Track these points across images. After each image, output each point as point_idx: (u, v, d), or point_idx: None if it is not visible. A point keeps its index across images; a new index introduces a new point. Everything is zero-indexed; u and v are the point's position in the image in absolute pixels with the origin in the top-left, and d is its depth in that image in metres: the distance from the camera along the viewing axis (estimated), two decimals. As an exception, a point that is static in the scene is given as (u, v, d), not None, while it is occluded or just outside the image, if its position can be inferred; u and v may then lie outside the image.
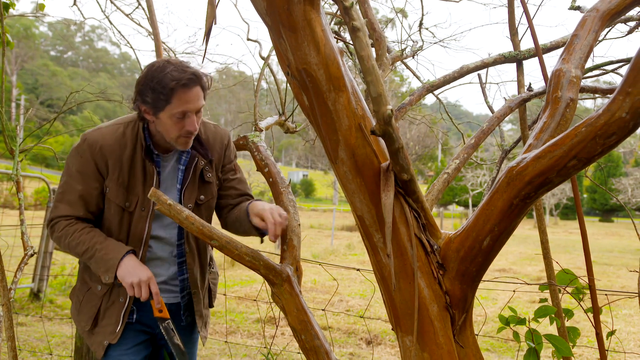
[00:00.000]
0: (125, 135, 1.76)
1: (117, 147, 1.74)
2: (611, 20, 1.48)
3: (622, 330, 6.08)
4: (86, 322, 1.81)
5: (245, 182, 2.03)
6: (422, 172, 38.56)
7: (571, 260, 12.70)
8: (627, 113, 0.97)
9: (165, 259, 1.86)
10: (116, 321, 1.78)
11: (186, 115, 1.68)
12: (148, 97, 1.66)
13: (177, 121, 1.68)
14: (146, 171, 1.77)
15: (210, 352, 4.56)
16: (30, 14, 4.61)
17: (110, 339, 1.78)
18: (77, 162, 1.74)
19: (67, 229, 1.75)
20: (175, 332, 1.77)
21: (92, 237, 1.73)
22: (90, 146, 1.72)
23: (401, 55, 2.62)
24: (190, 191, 1.84)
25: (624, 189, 30.10)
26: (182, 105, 1.65)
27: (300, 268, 1.68)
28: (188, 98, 1.65)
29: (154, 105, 1.66)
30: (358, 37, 1.02)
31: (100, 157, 1.72)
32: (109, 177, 1.74)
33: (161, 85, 1.62)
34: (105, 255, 1.69)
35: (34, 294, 6.14)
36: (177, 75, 1.62)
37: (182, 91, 1.63)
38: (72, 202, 1.75)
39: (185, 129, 1.69)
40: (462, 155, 1.97)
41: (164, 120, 1.68)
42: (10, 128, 2.54)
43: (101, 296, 1.80)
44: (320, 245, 14.10)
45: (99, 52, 70.83)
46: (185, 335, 1.96)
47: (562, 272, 1.89)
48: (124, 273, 1.68)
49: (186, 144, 1.75)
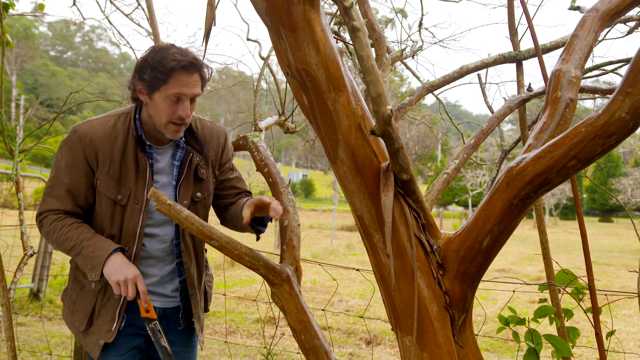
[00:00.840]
0: (116, 126, 1.73)
1: (107, 138, 1.70)
2: (611, 21, 1.48)
3: (622, 330, 6.07)
4: (81, 321, 1.77)
5: (242, 180, 2.02)
6: (421, 172, 38.58)
7: (571, 260, 12.71)
8: (627, 113, 0.97)
9: (159, 257, 1.82)
10: (112, 319, 1.74)
11: (180, 100, 1.65)
12: (146, 75, 1.63)
13: (170, 104, 1.64)
14: (138, 163, 1.73)
15: (210, 352, 4.56)
16: (30, 14, 4.60)
17: (105, 338, 1.73)
18: (66, 155, 1.71)
19: (55, 224, 1.71)
20: (162, 333, 1.73)
21: (80, 234, 1.69)
22: (80, 138, 1.69)
23: (401, 56, 2.62)
24: (185, 187, 1.80)
25: (624, 189, 30.11)
26: (178, 87, 1.62)
27: (300, 268, 1.68)
28: (185, 81, 1.63)
29: (150, 83, 1.64)
30: (358, 37, 1.02)
31: (90, 150, 1.69)
32: (99, 169, 1.70)
33: (161, 64, 1.60)
34: (92, 253, 1.66)
35: (33, 294, 6.14)
36: (179, 57, 1.61)
37: (180, 73, 1.61)
38: (61, 196, 1.72)
39: (177, 113, 1.65)
40: (461, 155, 1.97)
41: (157, 101, 1.65)
42: (10, 128, 2.54)
43: (96, 293, 1.76)
44: (320, 245, 14.10)
45: (99, 52, 70.83)
46: (185, 338, 1.92)
47: (562, 272, 1.89)
48: (110, 271, 1.64)
49: (175, 133, 1.70)
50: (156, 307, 1.84)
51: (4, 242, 3.76)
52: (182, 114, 1.66)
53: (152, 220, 1.78)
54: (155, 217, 1.79)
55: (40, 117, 17.82)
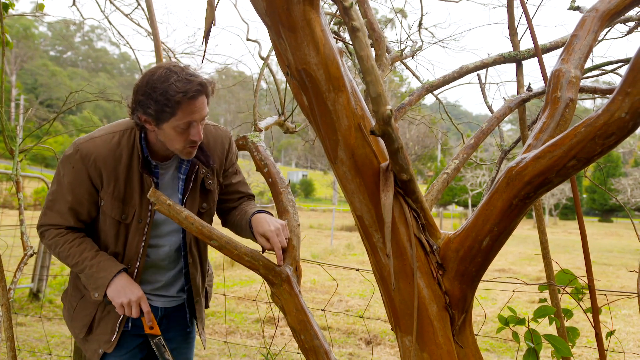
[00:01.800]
0: (120, 144, 1.67)
1: (111, 158, 1.65)
2: (610, 21, 1.48)
3: (622, 330, 6.08)
4: (80, 329, 1.77)
5: (246, 183, 2.02)
6: (421, 172, 38.57)
7: (570, 260, 12.71)
8: (627, 113, 0.97)
9: (163, 266, 1.83)
10: (112, 330, 1.75)
11: (191, 126, 1.60)
12: (150, 109, 1.56)
13: (181, 132, 1.60)
14: (143, 182, 1.70)
15: (209, 352, 4.56)
16: (30, 14, 4.60)
17: (105, 348, 1.74)
18: (69, 173, 1.66)
19: (57, 239, 1.70)
20: (166, 348, 1.76)
21: (82, 251, 1.68)
22: (83, 158, 1.64)
23: (401, 56, 2.62)
24: (192, 200, 1.79)
25: (624, 189, 30.13)
26: (188, 117, 1.57)
27: (300, 268, 1.67)
28: (194, 109, 1.57)
29: (156, 116, 1.57)
30: (357, 37, 1.02)
31: (93, 169, 1.64)
32: (103, 189, 1.67)
33: (165, 97, 1.53)
34: (96, 273, 1.65)
35: (33, 294, 6.13)
36: (183, 87, 1.53)
37: (188, 103, 1.55)
38: (63, 212, 1.69)
39: (190, 139, 1.61)
40: (461, 155, 1.97)
41: (167, 131, 1.60)
42: (10, 128, 2.54)
43: (96, 305, 1.76)
44: (320, 245, 14.10)
45: (99, 52, 70.78)
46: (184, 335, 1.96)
47: (562, 272, 1.89)
48: (113, 293, 1.65)
49: (191, 154, 1.67)
50: (158, 307, 1.85)
51: (3, 242, 3.76)
52: (195, 139, 1.62)
53: (157, 232, 1.78)
54: (161, 229, 1.78)
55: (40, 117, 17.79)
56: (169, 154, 1.74)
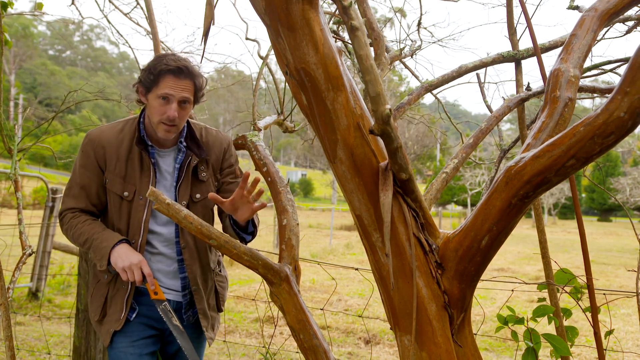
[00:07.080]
0: (123, 130, 1.90)
1: (115, 140, 1.88)
2: (609, 20, 1.48)
3: (621, 329, 6.09)
4: (95, 311, 1.91)
5: None
6: (420, 171, 38.57)
7: (569, 259, 12.72)
8: (626, 112, 0.97)
9: (166, 255, 1.93)
10: (120, 308, 1.86)
11: (169, 101, 1.78)
12: (142, 78, 1.82)
13: (160, 104, 1.79)
14: (143, 162, 1.88)
15: (208, 352, 4.56)
16: (29, 13, 4.60)
17: (115, 327, 1.85)
18: (80, 158, 1.89)
19: (72, 221, 1.87)
20: (173, 313, 1.85)
21: (91, 228, 1.85)
22: (91, 141, 1.88)
23: (400, 55, 2.62)
24: (184, 188, 1.91)
25: (622, 189, 30.16)
26: (165, 88, 1.77)
27: (299, 267, 1.68)
28: (173, 84, 1.77)
29: (144, 84, 1.81)
30: (357, 36, 1.02)
31: (99, 151, 1.86)
32: (107, 169, 1.87)
33: (154, 67, 1.78)
34: (100, 244, 1.80)
35: (32, 294, 6.13)
36: (171, 62, 1.77)
37: (169, 76, 1.77)
38: (76, 195, 1.89)
39: (166, 114, 1.78)
40: (460, 154, 1.97)
41: (150, 101, 1.82)
42: (9, 127, 2.54)
43: (107, 284, 1.89)
44: (319, 244, 14.10)
45: (98, 51, 70.74)
46: (194, 333, 2.01)
47: (561, 271, 1.90)
48: (115, 259, 1.77)
49: (166, 132, 1.83)
50: (169, 299, 1.93)
51: (2, 241, 3.76)
52: (170, 115, 1.79)
53: (156, 218, 1.90)
54: (160, 216, 1.90)
55: (39, 116, 17.78)
56: (164, 142, 1.91)
